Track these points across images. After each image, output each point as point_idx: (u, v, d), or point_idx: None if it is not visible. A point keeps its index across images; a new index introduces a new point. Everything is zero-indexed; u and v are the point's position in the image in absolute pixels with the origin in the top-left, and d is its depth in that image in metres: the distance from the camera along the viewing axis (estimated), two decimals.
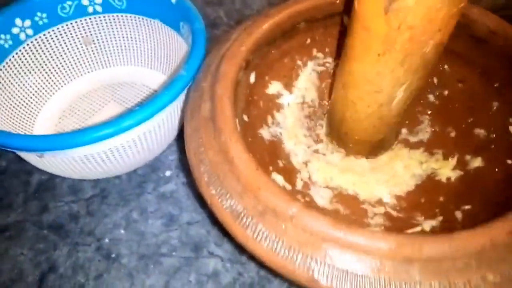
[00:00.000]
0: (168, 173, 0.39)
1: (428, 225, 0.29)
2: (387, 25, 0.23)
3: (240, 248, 0.32)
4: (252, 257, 0.33)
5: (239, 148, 0.25)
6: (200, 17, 0.36)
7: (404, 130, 0.36)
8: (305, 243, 0.22)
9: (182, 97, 0.33)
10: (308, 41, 0.37)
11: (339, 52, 0.35)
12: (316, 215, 0.22)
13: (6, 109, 0.39)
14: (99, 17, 0.43)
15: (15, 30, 0.39)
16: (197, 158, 0.27)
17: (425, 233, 0.28)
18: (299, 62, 0.37)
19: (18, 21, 0.39)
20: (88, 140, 0.29)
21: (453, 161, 0.32)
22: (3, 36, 0.38)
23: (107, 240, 0.35)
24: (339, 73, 0.30)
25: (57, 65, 0.44)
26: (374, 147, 0.34)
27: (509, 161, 0.29)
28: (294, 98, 0.37)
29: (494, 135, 0.31)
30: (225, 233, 0.33)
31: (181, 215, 0.36)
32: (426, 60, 0.25)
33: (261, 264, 0.33)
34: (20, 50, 0.40)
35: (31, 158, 0.32)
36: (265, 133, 0.34)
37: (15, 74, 0.40)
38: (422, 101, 0.36)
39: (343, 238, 0.21)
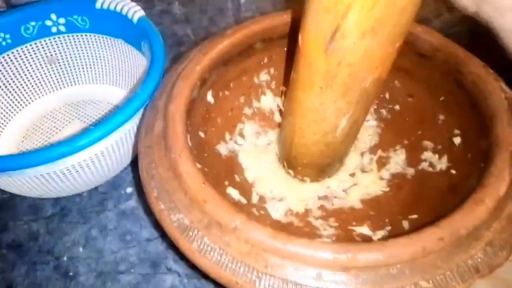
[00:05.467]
0: (129, 190, 0.39)
1: (377, 235, 0.29)
2: (327, 62, 0.24)
3: None
4: None
5: (187, 163, 0.26)
6: (159, 37, 0.37)
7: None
8: (247, 254, 0.23)
9: (139, 115, 0.33)
10: (265, 60, 0.38)
11: (287, 79, 0.36)
12: (257, 226, 0.23)
13: None
14: (63, 37, 0.44)
15: None
16: (148, 174, 0.27)
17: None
18: (256, 80, 0.38)
19: None
20: (41, 160, 0.29)
21: None
22: None
23: (65, 259, 0.35)
24: (287, 101, 0.31)
25: (21, 84, 0.44)
26: (322, 170, 0.34)
27: (452, 171, 0.30)
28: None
29: (440, 146, 0.32)
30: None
31: (141, 232, 0.36)
32: (366, 93, 0.26)
33: None
34: None
35: None
36: (223, 149, 0.35)
37: None
38: (376, 116, 0.38)
39: (282, 248, 0.22)
